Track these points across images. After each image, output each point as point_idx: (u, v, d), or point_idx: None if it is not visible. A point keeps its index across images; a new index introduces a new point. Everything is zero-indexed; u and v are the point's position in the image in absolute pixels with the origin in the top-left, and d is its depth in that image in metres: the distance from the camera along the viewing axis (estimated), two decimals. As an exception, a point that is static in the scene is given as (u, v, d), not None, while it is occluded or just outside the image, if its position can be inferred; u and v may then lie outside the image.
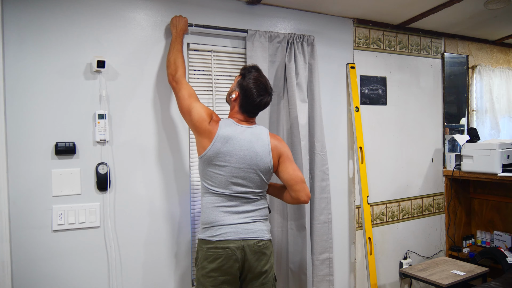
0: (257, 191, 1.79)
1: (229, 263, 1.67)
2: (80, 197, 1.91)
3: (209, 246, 1.70)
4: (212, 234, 1.70)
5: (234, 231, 1.70)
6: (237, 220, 1.72)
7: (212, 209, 1.73)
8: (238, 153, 1.72)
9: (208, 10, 2.20)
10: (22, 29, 1.78)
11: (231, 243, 1.68)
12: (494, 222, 3.19)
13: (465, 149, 2.98)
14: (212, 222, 1.72)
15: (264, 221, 1.81)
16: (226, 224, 1.71)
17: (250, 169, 1.73)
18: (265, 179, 1.80)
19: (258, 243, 1.73)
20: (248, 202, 1.76)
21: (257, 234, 1.73)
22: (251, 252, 1.70)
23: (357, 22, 2.74)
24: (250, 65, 1.84)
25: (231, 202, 1.73)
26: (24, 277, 1.79)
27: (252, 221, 1.75)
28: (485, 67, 3.47)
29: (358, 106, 2.68)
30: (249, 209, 1.76)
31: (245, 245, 1.70)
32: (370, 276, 2.63)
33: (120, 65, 1.99)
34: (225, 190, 1.72)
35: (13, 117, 1.77)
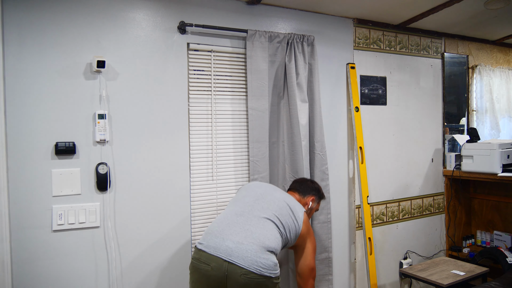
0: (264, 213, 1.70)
1: (207, 282, 1.53)
2: (80, 197, 1.91)
3: (194, 256, 1.61)
4: (201, 241, 1.60)
5: (224, 248, 1.52)
6: (232, 231, 1.59)
7: (219, 214, 1.77)
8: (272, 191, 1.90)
9: (208, 10, 2.20)
10: (22, 29, 1.78)
11: (214, 261, 1.51)
12: (494, 222, 3.19)
13: (465, 149, 2.98)
14: (209, 228, 1.67)
15: (261, 249, 1.55)
16: (222, 233, 1.58)
17: (282, 202, 1.81)
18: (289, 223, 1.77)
19: (246, 275, 1.48)
20: (253, 220, 1.65)
21: (248, 263, 1.49)
22: (236, 282, 1.48)
23: (357, 22, 2.74)
24: None
25: (238, 218, 1.68)
26: (24, 277, 1.79)
27: (249, 243, 1.54)
28: (485, 67, 3.47)
29: (358, 106, 2.68)
30: (250, 228, 1.62)
31: (229, 270, 1.49)
32: (370, 276, 2.63)
33: (120, 65, 1.99)
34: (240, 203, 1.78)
35: (13, 117, 1.77)
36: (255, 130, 2.27)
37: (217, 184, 2.27)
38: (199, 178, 2.22)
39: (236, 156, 2.32)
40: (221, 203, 2.28)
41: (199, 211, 2.21)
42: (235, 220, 1.67)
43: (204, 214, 2.23)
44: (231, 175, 2.31)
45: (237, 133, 2.33)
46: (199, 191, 2.22)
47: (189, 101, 2.18)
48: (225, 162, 2.29)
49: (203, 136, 2.23)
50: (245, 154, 2.35)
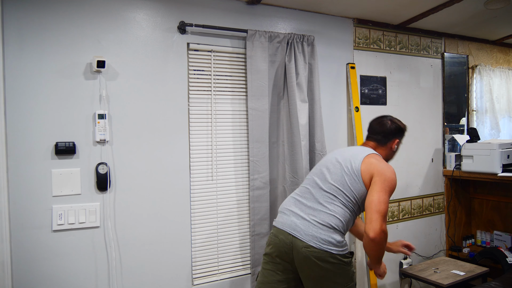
0: (337, 189, 1.67)
1: (276, 253, 1.70)
2: (80, 197, 1.91)
3: (271, 232, 1.77)
4: (276, 219, 1.78)
5: (289, 223, 1.68)
6: (299, 212, 1.69)
7: (289, 196, 1.83)
8: (338, 154, 1.82)
9: (208, 10, 2.20)
10: (22, 29, 1.78)
11: (281, 233, 1.68)
12: (494, 222, 3.19)
13: (465, 149, 2.98)
14: (281, 207, 1.80)
15: (326, 227, 1.62)
16: (289, 211, 1.73)
17: (338, 165, 1.74)
18: (350, 184, 1.68)
19: (307, 248, 1.59)
20: (318, 201, 1.68)
21: (308, 238, 1.61)
22: (299, 256, 1.61)
23: (357, 22, 2.74)
24: None
25: (305, 194, 1.75)
26: (24, 277, 1.79)
27: (312, 220, 1.64)
28: (485, 67, 3.47)
29: (358, 106, 2.68)
30: (316, 208, 1.67)
31: (293, 243, 1.64)
32: (370, 276, 2.63)
33: (120, 65, 1.99)
34: (308, 178, 1.81)
35: (13, 117, 1.77)
36: (255, 130, 2.27)
37: (217, 184, 2.27)
38: (199, 178, 2.22)
39: (236, 156, 2.32)
40: (221, 203, 2.28)
41: (199, 211, 2.21)
42: (304, 197, 1.76)
43: (204, 214, 2.23)
44: (231, 175, 2.31)
45: (237, 133, 2.33)
46: (199, 191, 2.22)
47: (189, 101, 2.18)
48: (225, 162, 2.29)
49: (203, 136, 2.23)
50: (245, 154, 2.35)
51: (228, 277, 2.29)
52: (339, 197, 1.69)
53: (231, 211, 2.31)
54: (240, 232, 2.34)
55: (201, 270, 2.23)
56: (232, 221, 2.32)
